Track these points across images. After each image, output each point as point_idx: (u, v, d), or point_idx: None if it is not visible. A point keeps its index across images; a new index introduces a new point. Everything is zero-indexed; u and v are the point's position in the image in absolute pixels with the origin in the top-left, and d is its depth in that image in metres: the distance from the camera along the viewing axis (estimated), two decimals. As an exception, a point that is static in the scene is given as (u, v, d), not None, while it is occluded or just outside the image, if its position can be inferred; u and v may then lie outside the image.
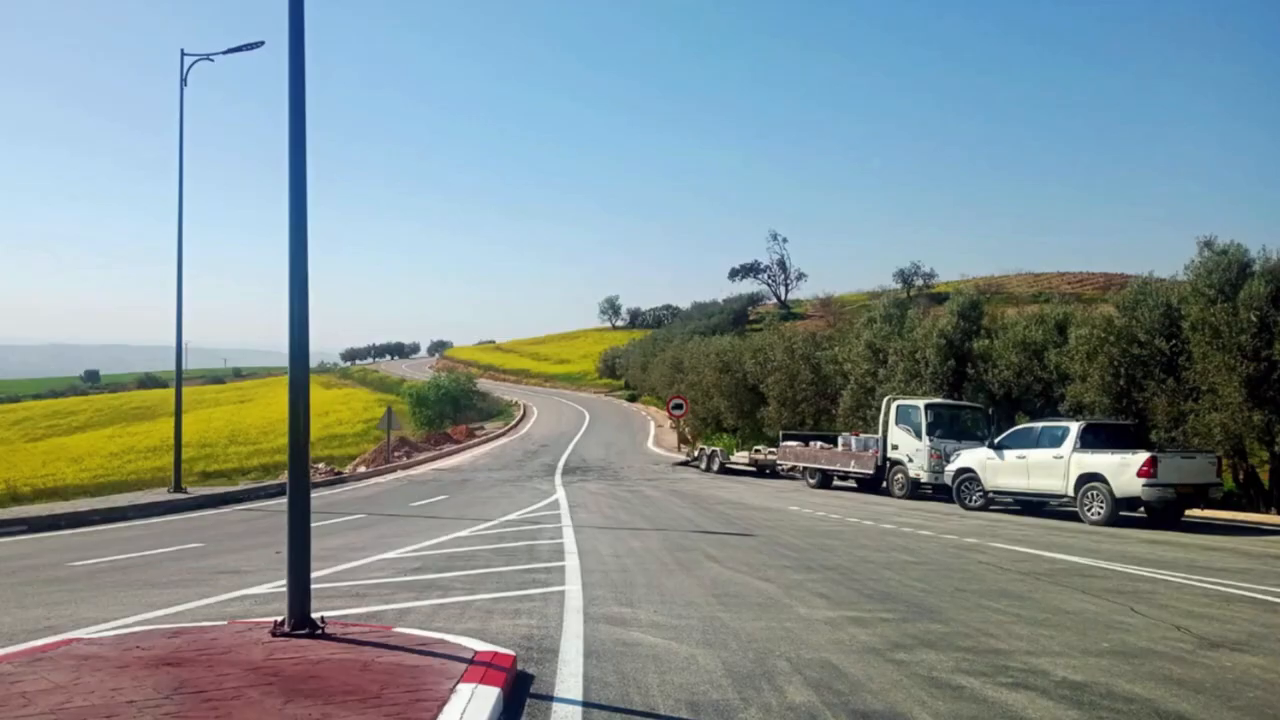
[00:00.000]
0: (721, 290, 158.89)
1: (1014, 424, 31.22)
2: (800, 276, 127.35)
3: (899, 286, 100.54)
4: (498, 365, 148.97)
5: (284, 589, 9.70)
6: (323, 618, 9.55)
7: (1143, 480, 23.23)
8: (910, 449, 32.70)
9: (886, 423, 33.95)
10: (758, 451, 45.20)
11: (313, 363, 14.74)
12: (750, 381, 54.12)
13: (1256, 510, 26.73)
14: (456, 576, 14.61)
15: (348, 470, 52.68)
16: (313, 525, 9.73)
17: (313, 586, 9.66)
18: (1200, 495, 24.05)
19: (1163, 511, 23.92)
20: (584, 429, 73.44)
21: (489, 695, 7.24)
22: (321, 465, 51.77)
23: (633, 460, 51.95)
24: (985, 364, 35.87)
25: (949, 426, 32.43)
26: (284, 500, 9.99)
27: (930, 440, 31.84)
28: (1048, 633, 10.59)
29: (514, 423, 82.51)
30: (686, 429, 61.91)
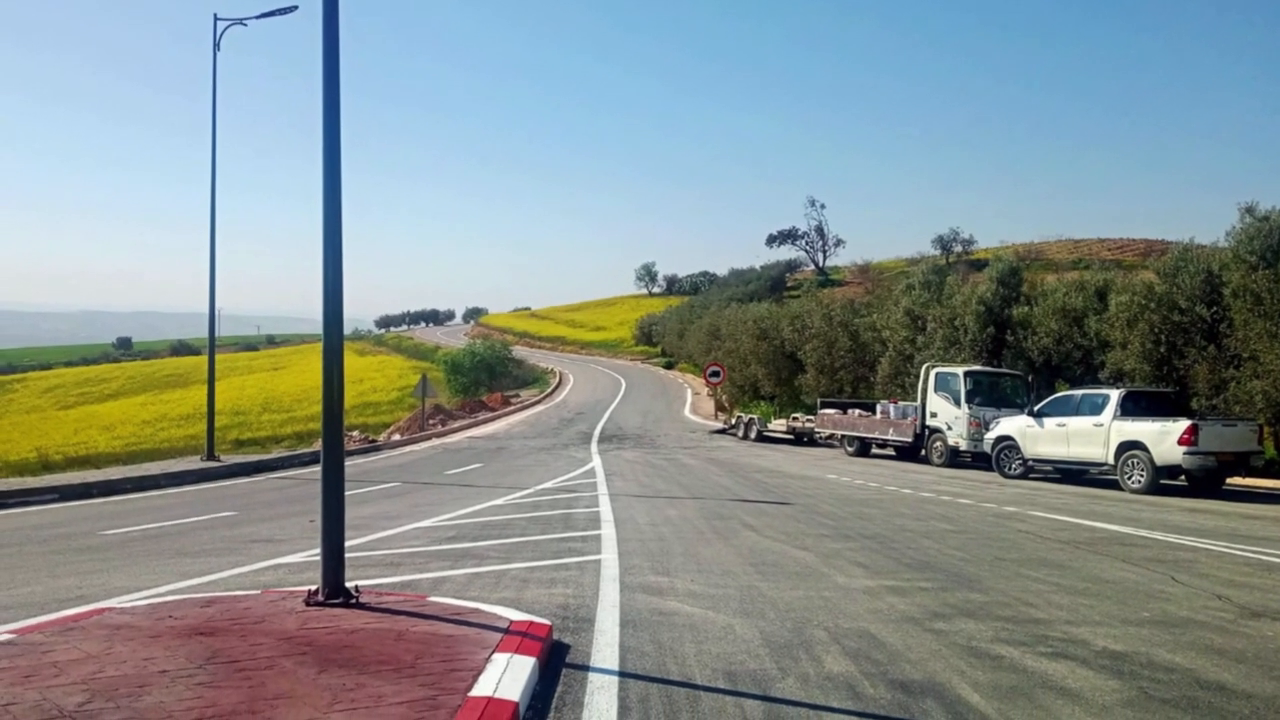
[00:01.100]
0: (759, 257, 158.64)
1: (1054, 391, 31.05)
2: (838, 243, 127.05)
3: (938, 253, 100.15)
4: (533, 332, 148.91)
5: (318, 558, 9.70)
6: (357, 587, 9.54)
7: (1183, 448, 23.06)
8: (949, 416, 32.55)
9: (925, 390, 33.79)
10: (795, 419, 45.08)
11: (347, 329, 14.71)
12: (788, 349, 53.94)
13: (1298, 478, 26.50)
14: (491, 545, 14.60)
15: (382, 438, 52.82)
16: (346, 493, 9.71)
17: (347, 555, 9.65)
18: (1241, 463, 23.87)
19: (1204, 480, 23.77)
20: (620, 396, 73.39)
21: (525, 665, 7.22)
22: (356, 433, 51.93)
23: (669, 428, 51.90)
24: (1025, 331, 35.69)
25: (988, 394, 32.25)
26: (317, 468, 9.98)
27: (969, 408, 31.67)
28: (1088, 602, 10.51)
29: (549, 390, 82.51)
30: (724, 396, 61.78)
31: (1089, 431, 25.54)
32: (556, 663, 7.88)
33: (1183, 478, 24.15)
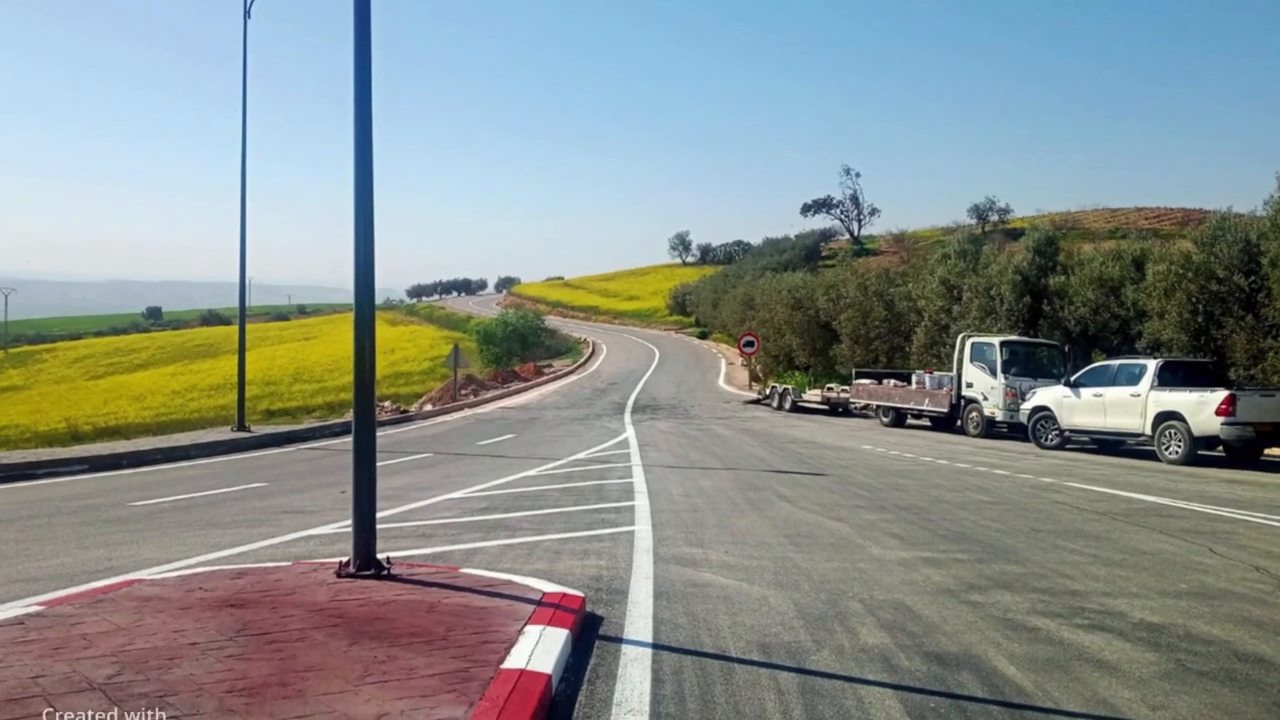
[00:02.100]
0: (794, 226, 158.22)
1: (1090, 361, 30.91)
2: (873, 212, 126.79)
3: (974, 222, 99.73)
4: (566, 302, 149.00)
5: (349, 529, 9.67)
6: (388, 558, 9.51)
7: (1221, 419, 22.90)
8: (985, 387, 32.41)
9: (961, 360, 33.65)
10: (830, 389, 45.00)
11: (378, 299, 14.67)
12: (823, 318, 53.88)
13: (1338, 449, 26.30)
14: (524, 516, 14.59)
15: (414, 409, 52.89)
16: (378, 464, 9.66)
17: (378, 527, 9.61)
18: (1280, 434, 23.69)
19: (1241, 450, 23.59)
20: (654, 367, 73.42)
21: (557, 637, 7.18)
22: (387, 404, 52.00)
23: (703, 398, 51.89)
24: (1061, 301, 35.54)
25: (1025, 364, 32.12)
26: (349, 439, 9.98)
27: (1006, 378, 31.53)
28: (1125, 574, 10.43)
29: (582, 360, 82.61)
30: (758, 367, 61.70)
31: (1126, 402, 25.39)
32: (590, 635, 7.84)
33: (1220, 448, 23.99)
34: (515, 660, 6.57)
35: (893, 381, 38.50)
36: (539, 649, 6.84)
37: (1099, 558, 11.34)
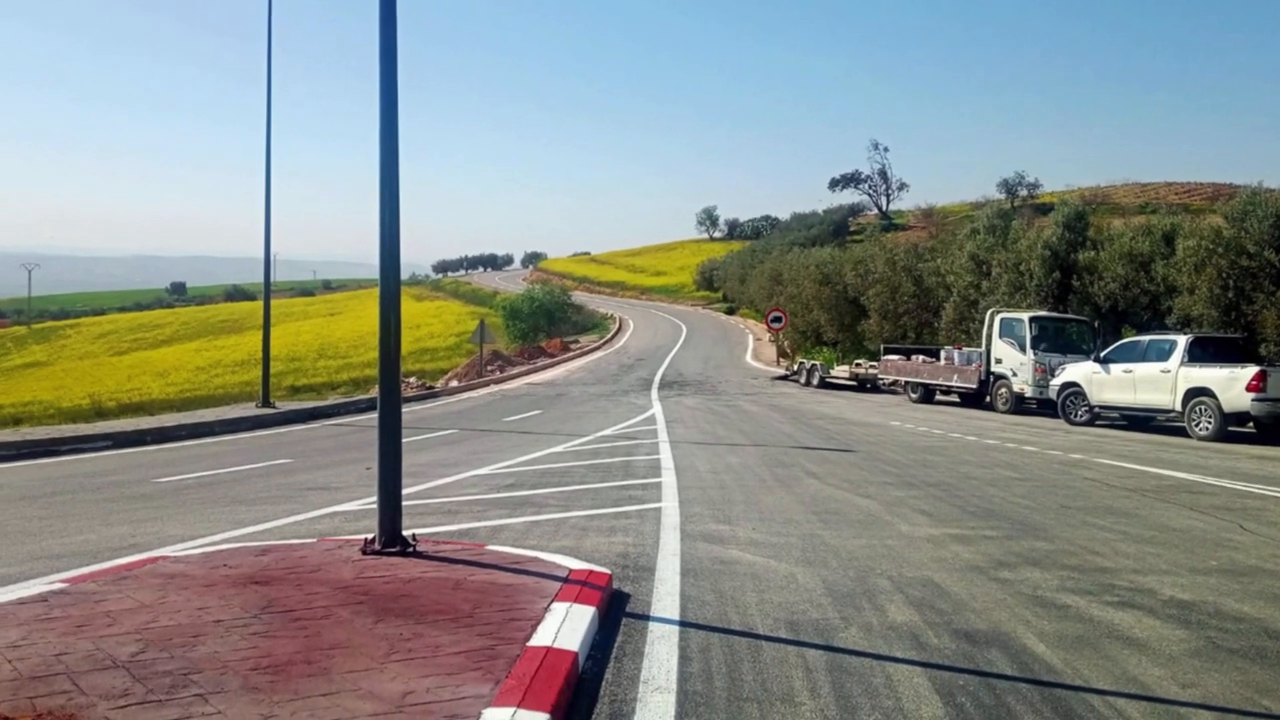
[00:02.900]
0: (821, 201, 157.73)
1: (1120, 337, 30.82)
2: (902, 187, 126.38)
3: (1003, 197, 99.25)
4: (593, 277, 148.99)
5: (374, 506, 9.63)
6: (414, 535, 9.50)
7: (1252, 395, 22.80)
8: (1014, 363, 32.31)
9: (990, 336, 33.55)
10: (858, 365, 44.89)
11: (404, 275, 14.64)
12: (851, 294, 53.76)
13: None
14: (550, 493, 14.56)
15: (439, 384, 52.84)
16: (403, 441, 9.67)
17: (403, 503, 9.60)
18: (1312, 410, 23.53)
19: (1272, 427, 23.43)
20: (681, 342, 73.41)
21: (584, 614, 7.16)
22: (412, 379, 51.92)
23: (730, 374, 51.86)
24: (1091, 276, 35.36)
25: (1054, 340, 32.01)
26: (374, 415, 9.94)
27: (1035, 354, 31.43)
28: (1155, 551, 10.39)
29: (609, 336, 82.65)
30: (785, 342, 61.62)
31: (1156, 378, 25.28)
32: (616, 612, 7.82)
33: (1251, 425, 23.85)
34: (542, 638, 6.55)
35: (921, 357, 38.41)
36: (565, 626, 6.82)
37: (1129, 535, 11.29)
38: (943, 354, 36.93)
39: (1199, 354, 24.76)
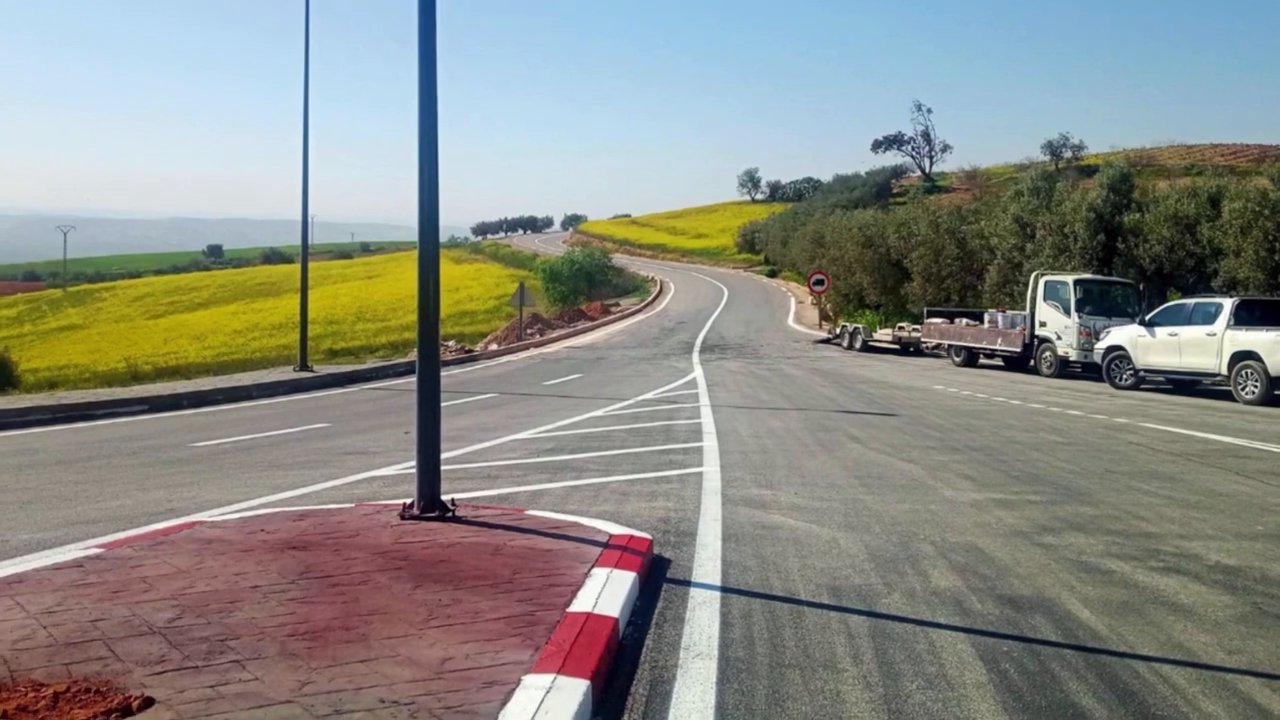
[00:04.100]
0: (864, 163, 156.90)
1: (1165, 300, 30.55)
2: (945, 148, 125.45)
3: (1047, 159, 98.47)
4: (633, 240, 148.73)
5: (413, 470, 9.63)
6: (453, 500, 9.47)
7: (1299, 359, 22.57)
8: (1059, 326, 32.11)
9: (1034, 299, 33.36)
10: (901, 329, 44.76)
11: (443, 237, 14.58)
12: (894, 256, 53.58)
13: None
14: (591, 458, 14.51)
15: (478, 348, 52.95)
16: (442, 405, 9.64)
17: (442, 468, 9.57)
18: (1358, 374, 23.29)
19: (1319, 391, 23.21)
20: (722, 305, 73.28)
21: (625, 580, 7.12)
22: (451, 343, 51.95)
23: (772, 338, 51.77)
24: (1136, 238, 35.15)
25: (1098, 303, 31.80)
26: (412, 379, 9.93)
27: (1079, 317, 31.23)
28: (1200, 515, 10.29)
29: (650, 299, 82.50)
30: (828, 306, 61.45)
31: (1201, 341, 25.05)
32: (657, 577, 7.78)
33: (1298, 388, 23.62)
34: (582, 603, 6.52)
35: (965, 320, 38.21)
36: (606, 592, 6.78)
37: (1174, 499, 11.18)
38: (986, 317, 36.73)
39: (1245, 317, 24.50)
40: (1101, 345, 28.94)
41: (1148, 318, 27.30)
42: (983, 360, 37.32)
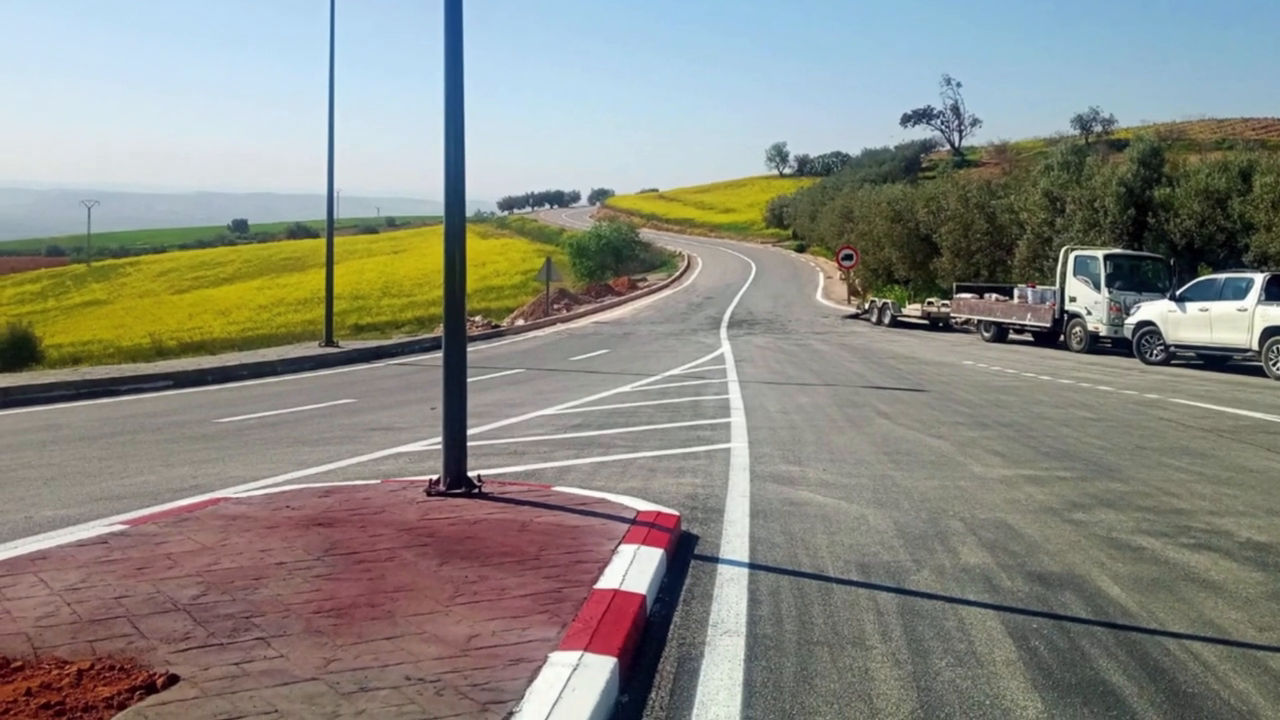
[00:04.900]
0: (893, 137, 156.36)
1: (1196, 275, 30.38)
2: (975, 122, 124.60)
3: (1077, 133, 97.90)
4: (660, 214, 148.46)
5: (439, 446, 9.64)
6: (479, 476, 9.46)
7: (1332, 333, 22.44)
8: (1089, 301, 32.00)
9: (1064, 274, 33.25)
10: (930, 304, 44.63)
11: (469, 211, 14.54)
12: (923, 231, 53.37)
13: None
14: (618, 434, 14.50)
15: (505, 323, 52.84)
16: (469, 380, 9.64)
17: (469, 444, 9.55)
18: (1391, 349, 23.14)
19: (1352, 366, 23.07)
20: (750, 281, 73.11)
21: (652, 557, 7.10)
22: (478, 318, 51.83)
23: (801, 313, 51.63)
24: (1166, 213, 34.97)
25: (1129, 278, 31.69)
26: (439, 354, 9.90)
27: (1109, 292, 31.11)
28: (1231, 492, 10.22)
29: (677, 274, 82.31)
30: (856, 281, 61.30)
31: (1232, 316, 24.91)
32: (685, 554, 7.75)
33: (1331, 364, 23.48)
34: (609, 580, 6.49)
35: (994, 296, 38.10)
36: (633, 569, 6.76)
37: (1205, 475, 11.12)
38: (1016, 292, 36.63)
39: (1276, 292, 24.37)
40: (1132, 320, 28.80)
41: (1178, 293, 27.15)
42: (1012, 336, 37.20)
